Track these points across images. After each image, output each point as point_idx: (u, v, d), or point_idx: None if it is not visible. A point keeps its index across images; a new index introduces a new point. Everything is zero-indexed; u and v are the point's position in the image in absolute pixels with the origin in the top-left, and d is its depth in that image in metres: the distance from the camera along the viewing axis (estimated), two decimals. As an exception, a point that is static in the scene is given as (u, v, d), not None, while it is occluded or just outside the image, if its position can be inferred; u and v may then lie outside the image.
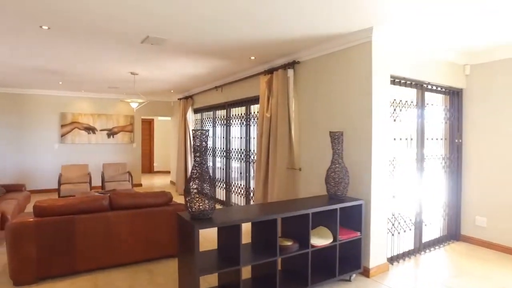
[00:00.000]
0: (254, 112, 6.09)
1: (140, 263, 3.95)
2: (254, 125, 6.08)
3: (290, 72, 4.70)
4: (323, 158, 4.22)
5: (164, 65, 5.49)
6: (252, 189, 6.18)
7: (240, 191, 6.53)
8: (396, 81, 3.95)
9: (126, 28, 3.58)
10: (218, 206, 6.91)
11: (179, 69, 5.78)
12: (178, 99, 9.10)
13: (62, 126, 8.77)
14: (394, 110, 4.03)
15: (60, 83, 7.36)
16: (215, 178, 7.71)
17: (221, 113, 7.39)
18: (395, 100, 4.04)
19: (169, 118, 11.27)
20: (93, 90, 8.64)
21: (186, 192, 2.72)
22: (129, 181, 8.03)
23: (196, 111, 8.68)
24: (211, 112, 7.90)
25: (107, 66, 5.56)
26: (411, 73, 4.03)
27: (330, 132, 3.61)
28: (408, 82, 4.12)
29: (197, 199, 2.66)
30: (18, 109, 8.36)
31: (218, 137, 7.61)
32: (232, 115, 6.82)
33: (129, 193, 4.00)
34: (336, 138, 3.55)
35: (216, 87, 7.03)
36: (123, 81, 7.02)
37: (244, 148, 6.33)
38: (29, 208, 6.60)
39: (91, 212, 3.66)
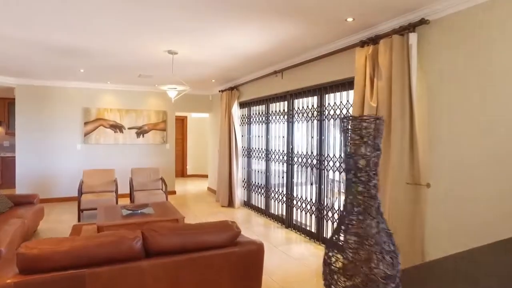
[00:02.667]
0: (331, 104, 4.47)
1: None
2: (332, 120, 4.45)
3: (413, 37, 3.04)
4: (481, 170, 2.56)
5: (214, 37, 3.97)
6: (327, 205, 4.56)
7: (307, 206, 4.93)
8: None
9: None
10: (276, 224, 5.36)
11: (232, 42, 4.24)
12: (219, 91, 7.61)
13: (86, 123, 7.48)
14: None
15: (82, 70, 6.03)
16: (269, 187, 6.16)
17: (277, 106, 5.81)
18: None
19: (206, 115, 9.84)
20: (120, 81, 7.30)
21: (326, 264, 1.12)
22: (162, 190, 6.61)
23: (242, 105, 7.16)
24: (263, 106, 6.34)
25: (141, 41, 4.11)
26: None
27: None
28: None
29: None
30: (34, 104, 7.13)
31: (273, 137, 6.04)
32: (297, 109, 5.23)
33: (173, 227, 2.48)
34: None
35: (275, 72, 5.45)
36: (158, 66, 5.58)
37: (318, 151, 4.72)
38: (43, 226, 5.29)
39: (114, 262, 2.17)
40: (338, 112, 4.32)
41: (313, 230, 4.85)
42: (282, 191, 5.68)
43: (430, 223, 3.01)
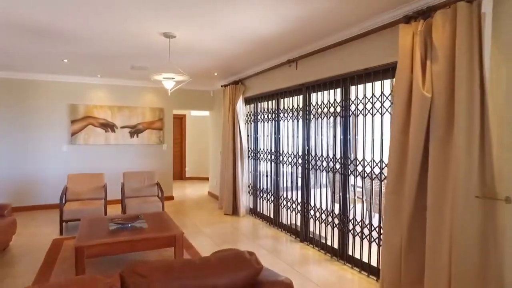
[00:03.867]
0: (359, 97, 3.72)
1: None
2: (362, 116, 3.71)
3: (487, 3, 2.30)
4: None
5: (217, 15, 3.22)
6: (354, 218, 3.82)
7: (328, 218, 4.19)
8: None
9: None
10: (288, 237, 4.59)
11: (239, 23, 3.49)
12: (222, 86, 6.86)
13: (72, 122, 6.71)
14: None
15: (65, 60, 5.26)
16: (281, 192, 5.41)
17: (290, 101, 5.06)
18: None
19: (206, 113, 9.08)
20: (111, 75, 6.53)
21: None
22: (158, 196, 5.85)
23: (247, 101, 6.41)
24: (272, 102, 5.59)
25: (133, 21, 3.36)
26: None
27: None
28: None
29: None
30: (12, 100, 6.36)
31: (285, 137, 5.29)
32: (315, 104, 4.48)
33: (167, 267, 1.71)
34: None
35: (288, 62, 4.69)
36: (153, 55, 4.82)
37: (342, 154, 3.96)
38: (17, 240, 4.53)
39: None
40: (368, 106, 3.57)
41: (335, 245, 4.11)
42: (296, 199, 4.93)
43: (509, 258, 2.28)
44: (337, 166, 4.03)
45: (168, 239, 3.73)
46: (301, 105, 4.75)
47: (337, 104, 4.03)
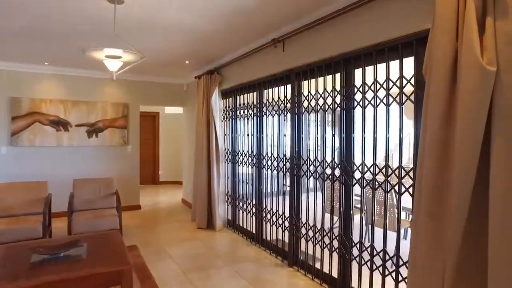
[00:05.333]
0: (367, 82, 2.82)
1: None
2: (371, 107, 2.80)
3: None
4: None
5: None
6: (361, 241, 2.91)
7: (325, 239, 3.27)
8: None
9: None
10: (273, 259, 3.62)
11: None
12: (196, 77, 5.87)
13: (14, 118, 5.57)
14: None
15: (-6, 40, 4.18)
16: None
17: (275, 92, 4.13)
18: None
19: (180, 110, 8.06)
20: (62, 62, 5.45)
21: None
22: (116, 208, 4.82)
23: (224, 94, 5.45)
24: (254, 94, 4.64)
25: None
26: None
27: None
28: None
29: None
30: None
31: (268, 136, 4.36)
32: (307, 94, 3.55)
33: None
34: None
35: (273, 42, 3.76)
36: (100, 32, 3.80)
37: (343, 157, 3.05)
38: None
39: None
40: (381, 94, 2.67)
41: (334, 274, 3.20)
42: (283, 212, 4.00)
43: None
44: (337, 172, 3.13)
45: (111, 275, 2.73)
46: (289, 97, 3.82)
47: (336, 93, 3.12)
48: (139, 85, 6.62)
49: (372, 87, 2.73)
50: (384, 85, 2.62)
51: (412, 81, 2.40)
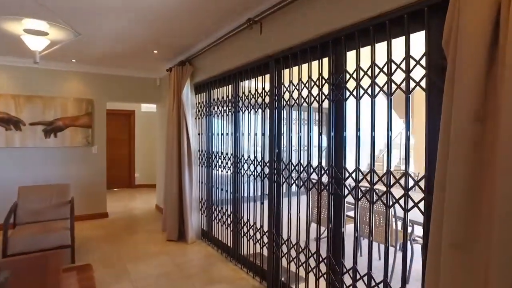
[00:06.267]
0: (364, 67, 2.22)
1: None
2: (367, 98, 2.21)
3: None
4: None
5: None
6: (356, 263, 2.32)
7: (309, 259, 2.67)
8: None
9: None
10: (251, 280, 3.03)
11: None
12: (167, 70, 5.21)
13: (-46, 115, 4.84)
14: None
15: None
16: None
17: (252, 84, 3.51)
18: None
19: (154, 108, 7.38)
20: (12, 52, 4.72)
21: None
22: (69, 219, 4.11)
23: (198, 88, 4.82)
24: (229, 87, 4.02)
25: None
26: None
27: None
28: None
29: None
30: None
31: (247, 135, 3.74)
32: (288, 85, 2.94)
33: None
34: None
35: (249, 23, 3.13)
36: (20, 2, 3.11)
37: (332, 161, 2.44)
38: None
39: None
40: (381, 81, 2.08)
41: (321, 304, 2.61)
42: (262, 225, 3.39)
43: None
44: (325, 179, 2.53)
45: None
46: (267, 88, 3.21)
47: (324, 81, 2.53)
48: (106, 79, 5.92)
49: (370, 72, 2.14)
50: (386, 69, 2.03)
51: (424, 62, 1.82)
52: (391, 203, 2.03)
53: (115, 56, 4.94)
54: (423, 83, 1.83)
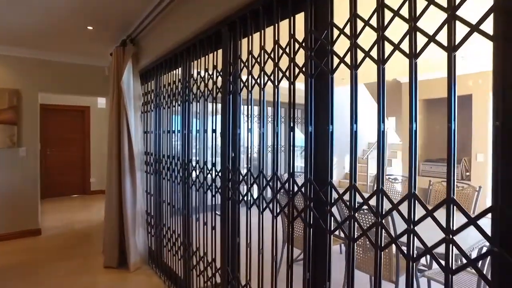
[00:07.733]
0: (359, 22, 1.33)
1: None
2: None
3: None
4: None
5: None
6: None
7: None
8: None
9: None
10: None
11: None
12: (110, 54, 4.20)
13: None
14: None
15: None
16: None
17: (203, 63, 2.57)
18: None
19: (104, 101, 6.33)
20: None
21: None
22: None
23: (144, 75, 3.85)
24: (180, 71, 3.06)
25: None
26: None
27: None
28: None
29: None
30: None
31: (196, 132, 2.80)
32: (250, 60, 2.02)
33: None
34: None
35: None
36: None
37: (310, 165, 1.54)
38: None
39: None
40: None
41: None
42: (214, 258, 2.46)
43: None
44: (300, 201, 1.62)
45: None
46: (220, 67, 2.28)
47: (297, 45, 1.62)
48: (39, 65, 4.85)
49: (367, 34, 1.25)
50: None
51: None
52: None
53: (38, 34, 3.90)
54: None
